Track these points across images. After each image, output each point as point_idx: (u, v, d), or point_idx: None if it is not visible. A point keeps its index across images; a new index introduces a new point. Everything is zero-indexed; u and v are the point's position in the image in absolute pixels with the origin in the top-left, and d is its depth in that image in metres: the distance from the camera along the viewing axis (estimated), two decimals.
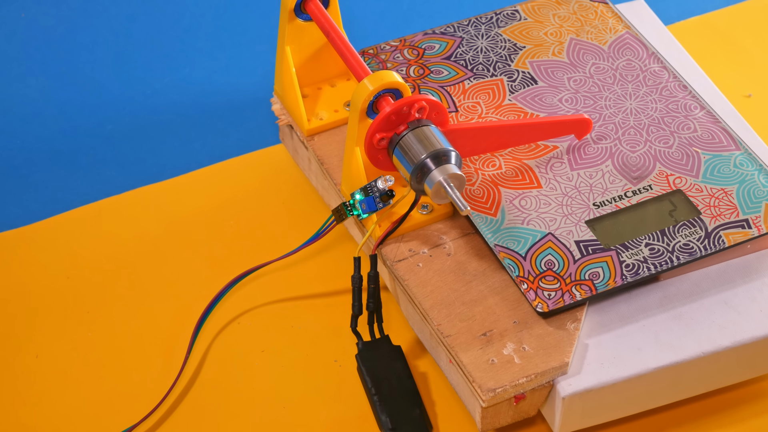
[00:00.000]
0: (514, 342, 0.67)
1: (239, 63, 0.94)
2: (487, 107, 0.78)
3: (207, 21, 0.98)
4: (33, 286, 0.79)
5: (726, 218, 0.72)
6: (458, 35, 0.83)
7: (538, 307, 0.68)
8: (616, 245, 0.70)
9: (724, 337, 0.69)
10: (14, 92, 0.92)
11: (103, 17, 0.98)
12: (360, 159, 0.71)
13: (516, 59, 0.81)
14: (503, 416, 0.68)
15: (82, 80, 0.93)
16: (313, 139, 0.79)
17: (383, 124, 0.69)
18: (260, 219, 0.83)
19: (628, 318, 0.69)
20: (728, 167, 0.75)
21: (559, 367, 0.67)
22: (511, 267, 0.70)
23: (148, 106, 0.91)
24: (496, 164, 0.75)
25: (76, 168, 0.87)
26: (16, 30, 0.96)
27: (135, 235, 0.82)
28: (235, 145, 0.88)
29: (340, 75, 0.81)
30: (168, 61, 0.95)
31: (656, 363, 0.67)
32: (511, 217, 0.72)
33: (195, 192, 0.85)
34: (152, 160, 0.87)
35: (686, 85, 0.80)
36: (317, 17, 0.76)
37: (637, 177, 0.74)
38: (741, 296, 0.71)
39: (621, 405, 0.69)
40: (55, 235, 0.82)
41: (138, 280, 0.79)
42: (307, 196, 0.83)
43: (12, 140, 0.89)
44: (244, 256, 0.80)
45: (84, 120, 0.90)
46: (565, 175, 0.74)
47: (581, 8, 0.85)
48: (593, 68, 0.81)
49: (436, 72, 0.81)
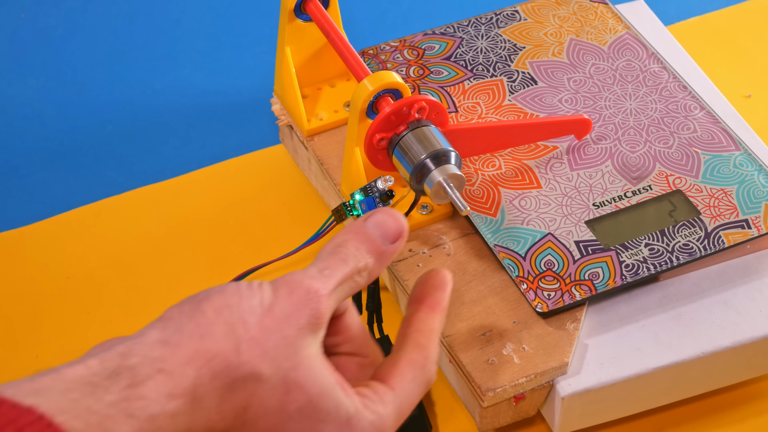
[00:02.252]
0: (513, 342, 0.68)
1: (239, 63, 0.94)
2: (486, 107, 0.79)
3: (207, 21, 0.98)
4: (33, 286, 0.79)
5: (726, 218, 0.72)
6: (458, 36, 0.83)
7: (537, 307, 0.68)
8: (615, 245, 0.71)
9: (724, 338, 0.69)
10: (14, 92, 0.92)
11: (103, 17, 0.98)
12: (360, 159, 0.71)
13: (516, 60, 0.81)
14: (503, 416, 0.68)
15: (82, 80, 0.93)
16: (313, 140, 0.79)
17: (383, 124, 0.69)
18: (260, 219, 0.83)
19: (628, 318, 0.69)
20: (728, 167, 0.75)
21: (558, 367, 0.67)
22: (510, 267, 0.70)
23: (148, 106, 0.91)
24: (496, 164, 0.75)
25: (76, 168, 0.87)
26: (16, 30, 0.96)
27: (135, 236, 0.82)
28: (235, 145, 0.88)
29: (340, 75, 0.81)
30: (168, 61, 0.95)
31: (656, 363, 0.67)
32: (511, 218, 0.72)
33: (195, 192, 0.85)
34: (152, 160, 0.87)
35: (686, 85, 0.80)
36: (317, 17, 0.76)
37: (636, 177, 0.74)
38: (741, 296, 0.71)
39: (621, 405, 0.69)
40: (55, 235, 0.82)
41: (138, 280, 0.79)
42: (307, 197, 0.83)
43: (12, 140, 0.89)
44: (244, 256, 0.80)
45: (84, 120, 0.90)
46: (564, 176, 0.74)
47: (581, 9, 0.85)
48: (593, 68, 0.81)
49: (436, 72, 0.81)
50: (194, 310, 0.52)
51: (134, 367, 0.49)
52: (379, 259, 0.58)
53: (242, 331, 0.52)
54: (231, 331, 0.52)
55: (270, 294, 0.53)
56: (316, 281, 0.54)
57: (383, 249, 0.58)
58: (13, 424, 0.45)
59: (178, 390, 0.50)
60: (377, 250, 0.58)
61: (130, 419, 0.48)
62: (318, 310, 0.54)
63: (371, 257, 0.57)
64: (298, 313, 0.53)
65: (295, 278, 0.54)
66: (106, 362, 0.49)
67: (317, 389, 0.53)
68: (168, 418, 0.49)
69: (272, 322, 0.53)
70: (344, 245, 0.57)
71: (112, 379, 0.49)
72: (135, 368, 0.49)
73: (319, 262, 0.56)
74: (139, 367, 0.49)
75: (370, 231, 0.58)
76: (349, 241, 0.57)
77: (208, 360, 0.51)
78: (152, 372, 0.49)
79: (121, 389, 0.48)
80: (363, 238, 0.58)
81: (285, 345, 0.52)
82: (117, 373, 0.49)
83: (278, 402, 0.53)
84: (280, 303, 0.53)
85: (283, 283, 0.54)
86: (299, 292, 0.54)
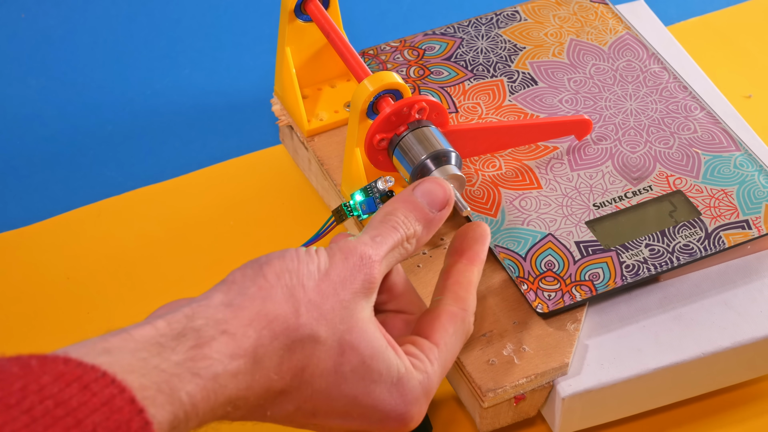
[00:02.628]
0: (513, 342, 0.68)
1: (239, 64, 0.94)
2: (487, 108, 0.79)
3: (207, 21, 0.98)
4: (33, 287, 0.79)
5: (726, 219, 0.72)
6: (458, 36, 0.83)
7: (538, 307, 0.68)
8: (616, 246, 0.71)
9: (724, 338, 0.69)
10: (14, 92, 0.92)
11: (102, 18, 0.98)
12: (360, 160, 0.71)
13: (516, 60, 0.81)
14: (503, 417, 0.68)
15: (82, 80, 0.93)
16: (313, 140, 0.79)
17: (383, 124, 0.69)
18: (260, 219, 0.83)
19: (628, 319, 0.69)
20: (728, 168, 0.75)
21: (559, 367, 0.67)
22: (511, 268, 0.70)
23: (148, 106, 0.91)
24: (496, 165, 0.75)
25: (76, 168, 0.87)
26: (16, 30, 0.96)
27: (135, 236, 0.82)
28: (235, 145, 0.88)
29: (340, 76, 0.81)
30: (168, 61, 0.95)
31: (656, 364, 0.67)
32: (511, 218, 0.72)
33: (195, 192, 0.85)
34: (152, 160, 0.87)
35: (686, 85, 0.80)
36: (317, 18, 0.76)
37: (637, 178, 0.74)
38: (741, 297, 0.71)
39: (621, 405, 0.69)
40: (55, 235, 0.82)
41: (138, 280, 0.79)
42: (307, 197, 0.83)
43: (12, 140, 0.89)
44: (244, 257, 0.80)
45: (84, 120, 0.90)
46: (565, 176, 0.74)
47: (581, 9, 0.85)
48: (593, 69, 0.81)
49: (437, 73, 0.81)
50: (256, 274, 0.55)
51: (199, 329, 0.52)
52: (427, 227, 0.61)
53: (301, 295, 0.55)
54: (290, 294, 0.54)
55: (326, 260, 0.57)
56: (369, 248, 0.58)
57: (431, 217, 0.61)
58: (78, 381, 0.47)
59: (240, 350, 0.52)
60: (425, 218, 0.61)
61: (195, 378, 0.51)
62: (371, 275, 0.57)
63: (420, 224, 0.61)
64: (353, 278, 0.56)
65: (350, 245, 0.58)
66: (172, 324, 0.52)
67: (369, 351, 0.56)
68: (230, 377, 0.52)
69: (329, 286, 0.56)
70: (394, 213, 0.61)
71: (178, 340, 0.51)
72: (200, 330, 0.52)
73: (370, 230, 0.59)
74: (204, 329, 0.52)
75: (419, 199, 0.62)
76: (399, 210, 0.61)
77: (269, 322, 0.53)
78: (216, 333, 0.52)
79: (187, 349, 0.51)
80: (412, 206, 0.61)
81: (341, 308, 0.56)
82: (183, 334, 0.51)
83: (333, 363, 0.56)
84: (336, 268, 0.56)
85: (338, 250, 0.57)
86: (353, 258, 0.57)
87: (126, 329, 0.51)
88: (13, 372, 0.47)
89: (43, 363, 0.47)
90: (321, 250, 0.57)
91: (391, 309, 0.63)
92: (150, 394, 0.49)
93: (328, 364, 0.56)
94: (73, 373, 0.47)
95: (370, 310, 0.58)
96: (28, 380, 0.47)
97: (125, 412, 0.47)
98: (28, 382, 0.46)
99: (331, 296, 0.56)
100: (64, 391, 0.47)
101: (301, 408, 0.56)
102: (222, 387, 0.52)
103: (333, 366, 0.56)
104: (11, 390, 0.46)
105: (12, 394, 0.46)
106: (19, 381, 0.46)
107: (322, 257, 0.57)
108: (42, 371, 0.47)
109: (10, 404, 0.45)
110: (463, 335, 0.62)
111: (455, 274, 0.63)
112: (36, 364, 0.47)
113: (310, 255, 0.57)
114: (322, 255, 0.57)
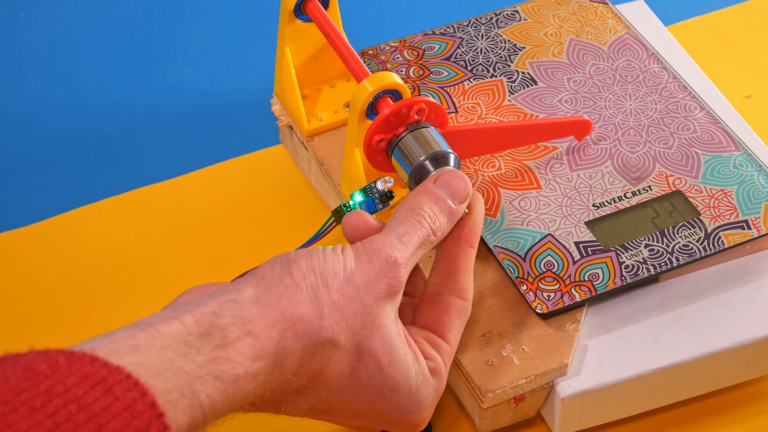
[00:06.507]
0: (513, 343, 0.68)
1: (239, 64, 0.94)
2: (486, 108, 0.79)
3: (207, 21, 0.98)
4: (33, 287, 0.79)
5: (725, 219, 0.72)
6: (458, 36, 0.83)
7: (537, 308, 0.68)
8: (615, 246, 0.71)
9: (724, 338, 0.69)
10: (14, 92, 0.92)
11: (103, 17, 0.98)
12: (359, 160, 0.71)
13: (516, 60, 0.81)
14: (502, 417, 0.68)
15: (82, 80, 0.93)
16: (313, 140, 0.79)
17: (382, 125, 0.69)
18: (260, 219, 0.83)
19: (628, 319, 0.69)
20: (728, 168, 0.75)
21: (558, 368, 0.67)
22: (510, 268, 0.70)
23: (148, 106, 0.91)
24: (496, 165, 0.75)
25: (76, 168, 0.87)
26: (16, 30, 0.96)
27: (135, 236, 0.82)
28: (235, 145, 0.88)
29: (340, 76, 0.81)
30: (168, 61, 0.95)
31: (656, 364, 0.67)
32: (511, 218, 0.72)
33: (195, 192, 0.85)
34: (152, 160, 0.87)
35: (686, 85, 0.80)
36: (317, 18, 0.76)
37: (636, 178, 0.74)
38: (741, 297, 0.71)
39: (620, 406, 0.69)
40: (55, 235, 0.82)
41: (138, 280, 0.79)
42: (306, 197, 0.83)
43: (12, 140, 0.89)
44: (244, 256, 0.80)
45: (84, 120, 0.90)
46: (564, 176, 0.74)
47: (581, 9, 0.85)
48: (593, 69, 0.81)
49: (436, 73, 0.81)
50: (284, 271, 0.55)
51: (225, 327, 0.52)
52: (450, 219, 0.61)
53: (325, 296, 0.55)
54: (314, 295, 0.55)
55: (352, 260, 0.56)
56: (396, 250, 0.57)
57: (454, 209, 0.61)
58: (102, 384, 0.47)
59: (263, 352, 0.53)
60: (449, 210, 0.61)
61: (216, 381, 0.51)
62: (397, 278, 0.57)
63: (444, 217, 0.61)
64: (378, 282, 0.56)
65: (376, 246, 0.57)
66: (200, 321, 0.52)
67: (388, 358, 0.56)
68: (250, 378, 0.52)
69: (352, 289, 0.56)
70: (420, 206, 0.60)
71: (203, 339, 0.51)
72: (225, 329, 0.52)
73: (397, 226, 0.59)
74: (229, 328, 0.52)
75: (441, 191, 0.61)
76: (424, 203, 0.60)
77: (293, 323, 0.54)
78: (241, 334, 0.52)
79: (211, 350, 0.51)
80: (435, 198, 0.61)
81: (363, 313, 0.56)
82: (208, 333, 0.51)
83: (350, 367, 0.56)
84: (361, 271, 0.56)
85: (364, 251, 0.57)
86: (379, 262, 0.57)
87: (153, 323, 0.51)
88: (41, 370, 0.47)
89: (71, 362, 0.47)
90: (347, 250, 0.57)
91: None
92: (173, 398, 0.49)
93: (345, 368, 0.56)
94: (98, 375, 0.47)
95: (394, 314, 0.57)
96: (55, 380, 0.47)
97: (145, 417, 0.47)
98: (54, 383, 0.46)
99: (354, 300, 0.56)
100: (89, 395, 0.47)
101: (315, 407, 0.57)
102: (241, 388, 0.52)
103: (350, 370, 0.56)
104: (38, 391, 0.46)
105: (38, 396, 0.46)
106: (46, 381, 0.46)
107: (348, 257, 0.57)
108: (69, 371, 0.47)
109: (35, 407, 0.45)
110: (464, 324, 0.62)
111: (456, 259, 0.62)
112: (63, 362, 0.47)
113: (336, 255, 0.56)
114: (348, 255, 0.57)
